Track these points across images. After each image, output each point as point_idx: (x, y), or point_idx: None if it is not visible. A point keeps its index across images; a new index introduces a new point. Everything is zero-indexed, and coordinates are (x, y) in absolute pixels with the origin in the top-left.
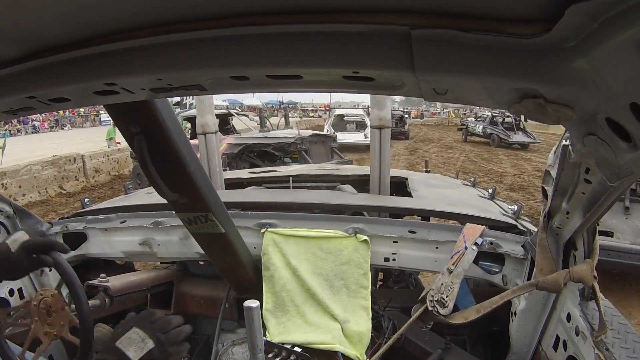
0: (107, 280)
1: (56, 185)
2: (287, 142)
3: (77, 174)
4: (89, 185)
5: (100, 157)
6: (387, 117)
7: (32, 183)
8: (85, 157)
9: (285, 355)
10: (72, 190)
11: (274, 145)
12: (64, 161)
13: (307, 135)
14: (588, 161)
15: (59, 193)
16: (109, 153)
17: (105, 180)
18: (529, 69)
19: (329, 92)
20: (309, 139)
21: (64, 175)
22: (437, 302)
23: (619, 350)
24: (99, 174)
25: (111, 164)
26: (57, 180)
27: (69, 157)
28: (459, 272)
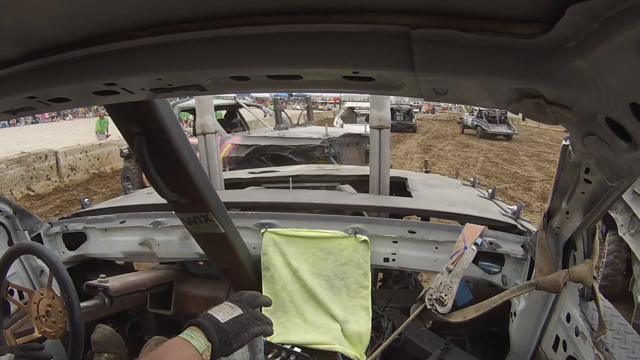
0: (106, 280)
1: (23, 186)
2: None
3: (49, 173)
4: (62, 186)
5: (77, 153)
6: (387, 117)
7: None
8: (60, 154)
9: (285, 356)
10: (42, 191)
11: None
12: (33, 158)
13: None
14: (588, 161)
15: (25, 195)
16: (88, 148)
17: (83, 179)
18: (528, 69)
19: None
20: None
21: (32, 175)
22: (435, 301)
23: (618, 351)
24: (75, 172)
25: (90, 161)
26: (24, 180)
27: (39, 153)
28: (458, 272)
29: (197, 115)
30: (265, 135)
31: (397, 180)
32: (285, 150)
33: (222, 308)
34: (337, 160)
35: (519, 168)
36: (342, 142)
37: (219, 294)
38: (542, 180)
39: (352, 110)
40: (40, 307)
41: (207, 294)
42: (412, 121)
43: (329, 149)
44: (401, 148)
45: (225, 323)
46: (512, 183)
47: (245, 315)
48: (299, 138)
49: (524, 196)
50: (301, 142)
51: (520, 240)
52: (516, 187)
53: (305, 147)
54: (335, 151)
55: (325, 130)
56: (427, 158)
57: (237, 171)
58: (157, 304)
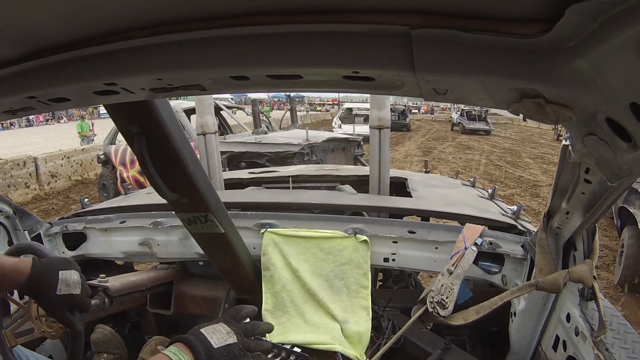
0: (106, 280)
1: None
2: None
3: (27, 180)
4: (42, 194)
5: (58, 160)
6: (387, 117)
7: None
8: (39, 160)
9: (285, 356)
10: (20, 200)
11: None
12: (10, 165)
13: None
14: (588, 161)
15: None
16: (70, 154)
17: (64, 187)
18: (528, 68)
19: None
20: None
21: (10, 183)
22: (437, 304)
23: (618, 351)
24: (56, 179)
25: (72, 167)
26: (1, 188)
27: (17, 160)
28: (459, 273)
29: (197, 115)
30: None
31: (397, 181)
32: (262, 158)
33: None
34: None
35: (523, 172)
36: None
37: (219, 294)
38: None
39: (350, 111)
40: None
41: (207, 294)
42: (406, 120)
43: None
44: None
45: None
46: (519, 188)
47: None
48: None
49: (532, 203)
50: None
51: (520, 241)
52: (523, 192)
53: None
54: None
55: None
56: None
57: (237, 171)
58: (157, 304)
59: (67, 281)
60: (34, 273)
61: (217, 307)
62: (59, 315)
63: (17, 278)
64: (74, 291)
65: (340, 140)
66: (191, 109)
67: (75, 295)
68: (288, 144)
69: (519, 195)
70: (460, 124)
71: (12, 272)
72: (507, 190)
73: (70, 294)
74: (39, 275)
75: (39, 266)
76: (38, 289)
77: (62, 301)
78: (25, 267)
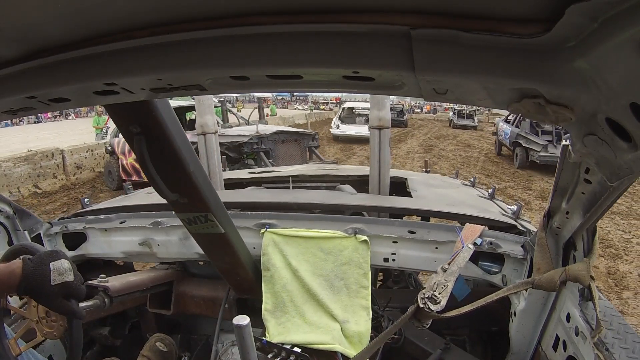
0: (106, 280)
1: (30, 183)
2: (241, 141)
3: (55, 171)
4: (68, 184)
5: (83, 152)
6: (387, 117)
7: (2, 182)
8: (66, 152)
9: (285, 356)
10: (49, 189)
11: (227, 145)
12: (39, 157)
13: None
14: (588, 161)
15: (33, 193)
16: (94, 147)
17: (88, 178)
18: (528, 69)
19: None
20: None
21: (39, 173)
22: (428, 299)
23: (618, 351)
24: (81, 170)
25: (96, 159)
26: (31, 178)
27: (46, 152)
28: (454, 271)
29: (197, 115)
30: None
31: (397, 180)
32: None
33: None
34: (268, 156)
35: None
36: (275, 139)
37: (219, 294)
38: (542, 179)
39: (352, 110)
40: (40, 308)
41: (207, 294)
42: (404, 118)
43: (259, 145)
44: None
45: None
46: (512, 182)
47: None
48: (232, 135)
49: (523, 195)
50: (233, 139)
51: (520, 240)
52: (516, 185)
53: (236, 143)
54: (266, 147)
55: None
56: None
57: (237, 171)
58: (157, 304)
59: (59, 270)
60: (27, 271)
61: (217, 307)
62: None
63: (11, 280)
64: (67, 278)
65: (290, 133)
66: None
67: (69, 282)
68: (241, 135)
69: (512, 187)
70: (452, 121)
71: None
72: (502, 183)
73: (64, 282)
74: (32, 272)
75: (30, 264)
76: (33, 285)
77: (58, 291)
78: (18, 268)
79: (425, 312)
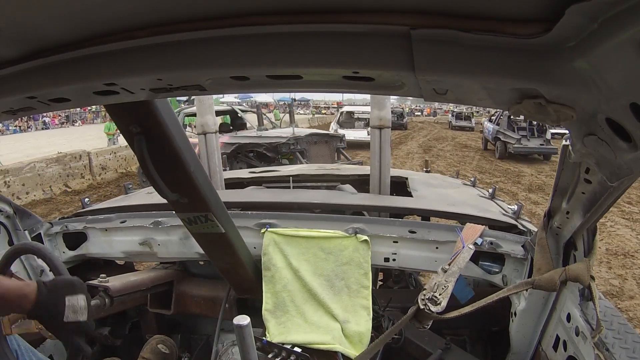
0: (107, 280)
1: (61, 183)
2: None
3: (82, 172)
4: (95, 183)
5: (107, 154)
6: (387, 117)
7: (36, 181)
8: (92, 154)
9: (285, 356)
10: (78, 188)
11: (266, 146)
12: (69, 158)
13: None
14: (588, 161)
15: (63, 191)
16: (116, 150)
17: (112, 178)
18: (529, 69)
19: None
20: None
21: (69, 173)
22: (428, 300)
23: (618, 351)
24: (105, 171)
25: (118, 161)
26: (62, 178)
27: (75, 154)
28: (454, 271)
29: (198, 115)
30: (247, 135)
31: (398, 180)
32: (260, 147)
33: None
34: (303, 155)
35: (510, 165)
36: (309, 140)
37: (219, 294)
38: (531, 175)
39: (351, 114)
40: None
41: (207, 294)
42: (403, 121)
43: (295, 145)
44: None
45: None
46: (504, 177)
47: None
48: (270, 137)
49: (512, 188)
50: (272, 140)
51: (521, 240)
52: (507, 180)
53: (275, 144)
54: (301, 148)
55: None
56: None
57: (238, 171)
58: (157, 304)
59: (74, 307)
60: (40, 300)
61: (218, 306)
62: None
63: (23, 303)
64: (81, 317)
65: (322, 135)
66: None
67: (82, 321)
68: (279, 137)
69: (502, 182)
70: (450, 122)
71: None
72: (494, 179)
73: (77, 320)
74: (45, 301)
75: (44, 292)
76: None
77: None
78: (31, 293)
79: (426, 313)
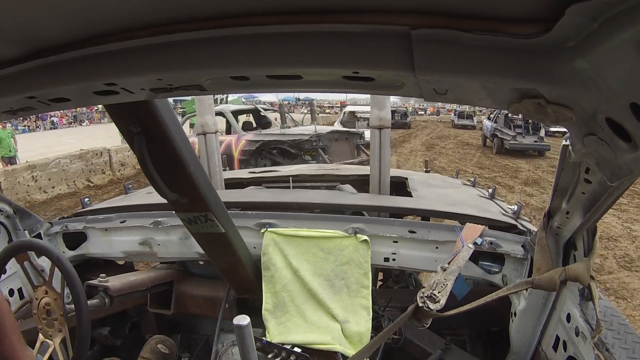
0: (107, 280)
1: (84, 178)
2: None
3: (103, 167)
4: (114, 179)
5: (125, 151)
6: (387, 117)
7: (61, 176)
8: (112, 151)
9: (285, 356)
10: (99, 182)
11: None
12: (91, 155)
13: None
14: (588, 161)
15: (86, 185)
16: None
17: (131, 174)
18: (528, 69)
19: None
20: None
21: (91, 169)
22: (427, 298)
23: (619, 351)
24: (124, 167)
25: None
26: (84, 173)
27: (96, 151)
28: (453, 270)
29: (198, 115)
30: (271, 132)
31: (398, 180)
32: (284, 144)
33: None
34: (325, 152)
35: (509, 161)
36: (330, 137)
37: (219, 294)
38: (528, 170)
39: (353, 114)
40: (40, 308)
41: (207, 293)
42: (407, 120)
43: (317, 142)
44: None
45: None
46: (502, 172)
47: None
48: (294, 134)
49: (509, 182)
50: (295, 137)
51: (521, 240)
52: (504, 175)
53: (298, 141)
54: (323, 144)
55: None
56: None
57: (238, 171)
58: (157, 304)
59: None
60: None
61: (217, 306)
62: None
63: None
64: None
65: (343, 132)
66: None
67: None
68: (302, 134)
69: (500, 176)
70: (453, 121)
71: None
72: (492, 173)
73: None
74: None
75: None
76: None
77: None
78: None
79: (425, 311)
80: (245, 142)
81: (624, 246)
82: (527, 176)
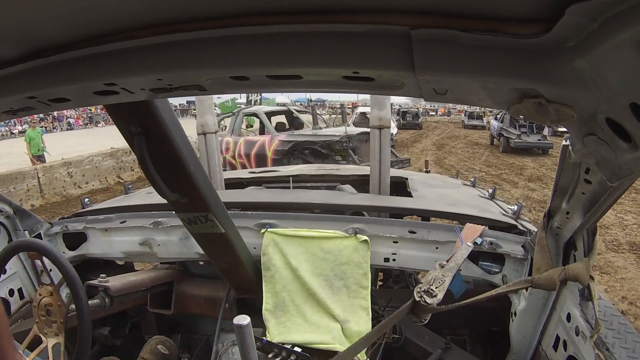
0: (107, 280)
1: (114, 174)
2: (333, 140)
3: (132, 165)
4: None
5: None
6: (387, 117)
7: (94, 172)
8: None
9: (285, 355)
10: (129, 179)
11: (321, 143)
12: (120, 153)
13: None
14: (588, 161)
15: (117, 182)
16: None
17: None
18: (529, 69)
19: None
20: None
21: (121, 166)
22: (424, 292)
23: (619, 350)
24: None
25: None
26: (115, 170)
27: (125, 149)
28: (451, 267)
29: (198, 115)
30: (303, 133)
31: (398, 180)
32: (316, 145)
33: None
34: (355, 152)
35: (515, 159)
36: (360, 139)
37: (219, 294)
38: (533, 167)
39: (365, 115)
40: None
41: (207, 294)
42: (419, 121)
43: (347, 143)
44: (418, 147)
45: None
46: (508, 170)
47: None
48: (325, 135)
49: (514, 178)
50: (326, 138)
51: (521, 240)
52: (510, 172)
53: (329, 142)
54: (353, 145)
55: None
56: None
57: (238, 171)
58: (157, 304)
59: None
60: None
61: (218, 306)
62: None
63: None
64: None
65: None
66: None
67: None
68: (333, 135)
69: (505, 173)
70: (463, 122)
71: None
72: (499, 171)
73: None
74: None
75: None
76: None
77: None
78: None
79: (422, 305)
80: (279, 142)
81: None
82: (532, 173)
